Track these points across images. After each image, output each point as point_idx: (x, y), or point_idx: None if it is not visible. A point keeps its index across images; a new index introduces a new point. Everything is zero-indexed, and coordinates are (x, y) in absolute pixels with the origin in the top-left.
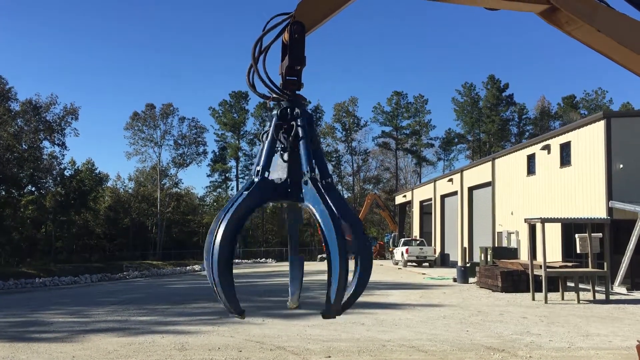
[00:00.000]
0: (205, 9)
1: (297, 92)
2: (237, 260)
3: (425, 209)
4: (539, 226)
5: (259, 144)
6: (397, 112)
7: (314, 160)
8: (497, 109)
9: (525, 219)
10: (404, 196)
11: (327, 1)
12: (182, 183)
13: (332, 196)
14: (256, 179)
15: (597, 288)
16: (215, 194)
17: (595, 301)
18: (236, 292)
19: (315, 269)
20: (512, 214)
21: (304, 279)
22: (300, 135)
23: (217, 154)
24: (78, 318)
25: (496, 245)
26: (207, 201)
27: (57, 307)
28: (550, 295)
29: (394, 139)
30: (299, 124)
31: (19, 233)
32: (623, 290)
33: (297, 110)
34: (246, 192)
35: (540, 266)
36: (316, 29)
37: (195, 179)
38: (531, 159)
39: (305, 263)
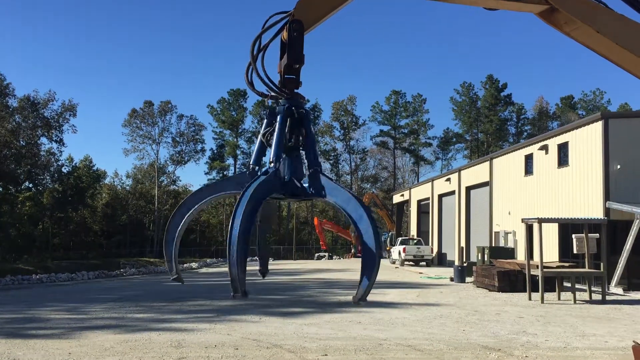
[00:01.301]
0: (204, 6)
1: (295, 90)
2: None
3: (423, 208)
4: (536, 226)
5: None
6: (395, 111)
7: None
8: (496, 109)
9: (522, 219)
10: (402, 195)
11: (326, 0)
12: (180, 180)
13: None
14: (272, 168)
15: (593, 288)
16: None
17: (591, 301)
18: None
19: (312, 268)
20: (509, 213)
21: (301, 276)
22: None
23: (215, 151)
24: (75, 315)
25: (493, 245)
26: None
27: (54, 303)
28: (547, 295)
29: (392, 138)
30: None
31: (16, 229)
32: (619, 290)
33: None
34: (264, 177)
35: (537, 266)
36: (315, 28)
37: (193, 177)
38: (529, 159)
39: (302, 261)
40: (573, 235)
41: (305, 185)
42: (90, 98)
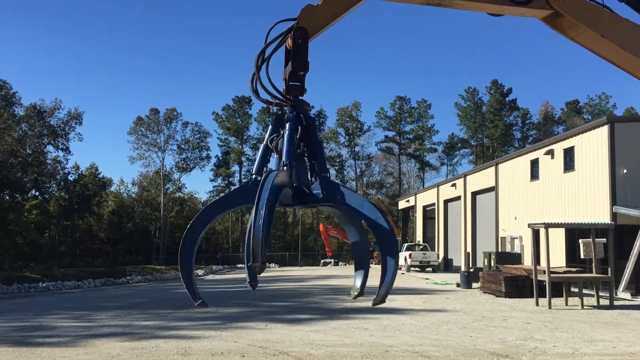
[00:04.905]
0: (210, 14)
1: (300, 97)
2: (240, 265)
3: (429, 214)
4: (542, 231)
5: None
6: (400, 117)
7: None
8: (501, 114)
9: (528, 224)
10: (407, 201)
11: (330, 7)
12: (186, 188)
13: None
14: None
15: (601, 293)
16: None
17: (599, 307)
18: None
19: (318, 274)
20: (515, 219)
21: (307, 283)
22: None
23: (221, 158)
24: (81, 322)
25: (500, 251)
26: None
27: (61, 311)
28: (554, 300)
29: (397, 143)
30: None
31: (22, 237)
32: (627, 295)
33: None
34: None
35: (544, 271)
36: (319, 35)
37: (199, 184)
38: (535, 163)
39: (308, 268)
40: (580, 240)
41: (316, 192)
42: (96, 106)
